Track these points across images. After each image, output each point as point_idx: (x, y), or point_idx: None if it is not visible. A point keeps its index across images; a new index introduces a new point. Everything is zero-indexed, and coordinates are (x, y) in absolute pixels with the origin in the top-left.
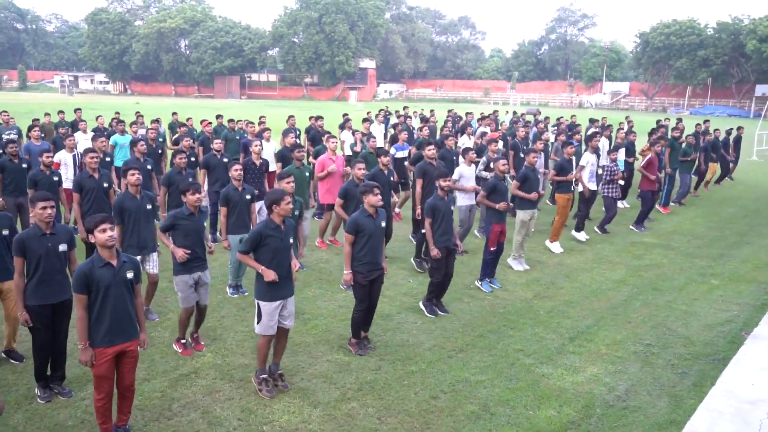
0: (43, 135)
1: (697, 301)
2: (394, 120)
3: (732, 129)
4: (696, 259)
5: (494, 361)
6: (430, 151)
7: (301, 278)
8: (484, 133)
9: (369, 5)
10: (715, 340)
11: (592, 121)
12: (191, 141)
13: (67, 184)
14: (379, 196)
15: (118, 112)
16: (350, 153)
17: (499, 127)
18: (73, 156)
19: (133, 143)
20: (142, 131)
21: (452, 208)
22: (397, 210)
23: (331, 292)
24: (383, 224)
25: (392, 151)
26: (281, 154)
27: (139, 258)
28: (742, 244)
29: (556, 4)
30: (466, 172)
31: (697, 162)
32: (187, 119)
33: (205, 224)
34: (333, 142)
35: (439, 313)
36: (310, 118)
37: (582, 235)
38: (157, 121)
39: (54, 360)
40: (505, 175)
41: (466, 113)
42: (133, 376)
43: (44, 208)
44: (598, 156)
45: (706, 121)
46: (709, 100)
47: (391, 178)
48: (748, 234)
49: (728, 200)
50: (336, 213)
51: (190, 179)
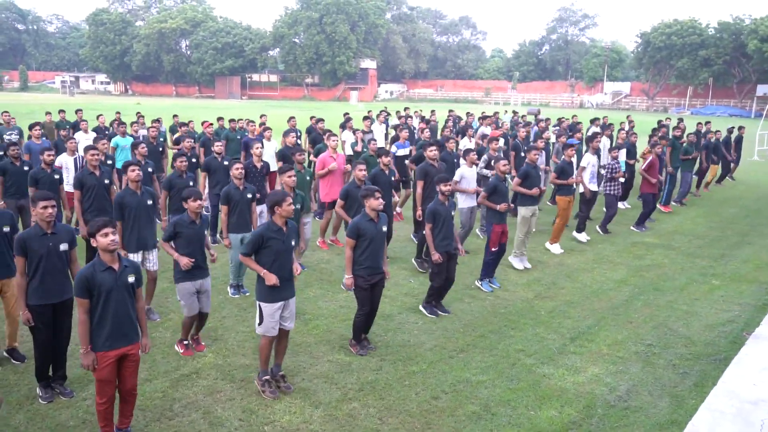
0: (44, 135)
1: (699, 302)
2: (394, 121)
3: (733, 127)
4: (697, 259)
5: (495, 361)
6: (432, 152)
7: (302, 278)
8: (485, 135)
9: (370, 5)
10: (717, 340)
11: (593, 121)
12: (192, 141)
13: (69, 187)
14: (381, 200)
15: (118, 112)
16: (351, 153)
17: (500, 127)
18: (75, 159)
19: (134, 146)
20: (143, 131)
21: (452, 213)
22: (398, 209)
23: (332, 293)
24: (384, 228)
25: (393, 149)
26: (282, 154)
27: (139, 254)
28: (743, 244)
29: (557, 4)
30: (467, 174)
31: (698, 161)
32: (189, 122)
33: (206, 231)
34: (334, 140)
35: (440, 313)
36: (311, 118)
37: (583, 236)
38: (158, 121)
39: (55, 360)
40: (506, 175)
41: (467, 113)
42: (135, 380)
43: (45, 208)
44: (599, 156)
45: (707, 123)
46: (711, 100)
47: (392, 178)
48: (750, 234)
49: (729, 200)
50: (336, 213)
51: (191, 183)
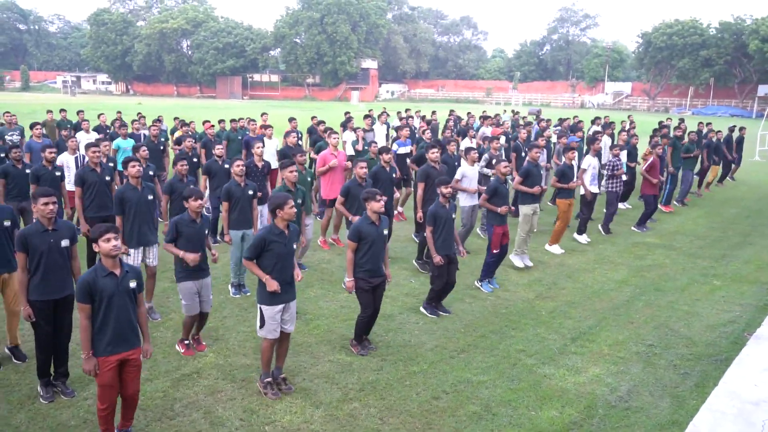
0: (45, 133)
1: (700, 302)
2: (394, 122)
3: (734, 126)
4: (698, 259)
5: (496, 361)
6: (434, 154)
7: (303, 278)
8: (486, 137)
9: (371, 5)
10: (718, 340)
11: (595, 121)
12: (193, 141)
13: (70, 186)
14: (382, 203)
15: (119, 112)
16: (353, 153)
17: (501, 125)
18: (75, 158)
19: (135, 149)
20: (144, 131)
21: (453, 216)
22: (400, 209)
23: (333, 293)
24: (386, 231)
25: (394, 147)
26: (282, 153)
27: (140, 250)
28: (744, 244)
29: (558, 4)
30: (468, 172)
31: (699, 159)
32: (190, 122)
33: (206, 230)
34: (334, 138)
35: (441, 313)
36: (313, 118)
37: (583, 238)
38: (159, 120)
39: (56, 356)
40: (507, 177)
41: (468, 114)
42: (137, 385)
43: (46, 204)
44: (600, 157)
45: (708, 124)
46: (712, 101)
47: (393, 175)
48: (751, 235)
49: (731, 201)
50: (336, 209)
51: (191, 186)
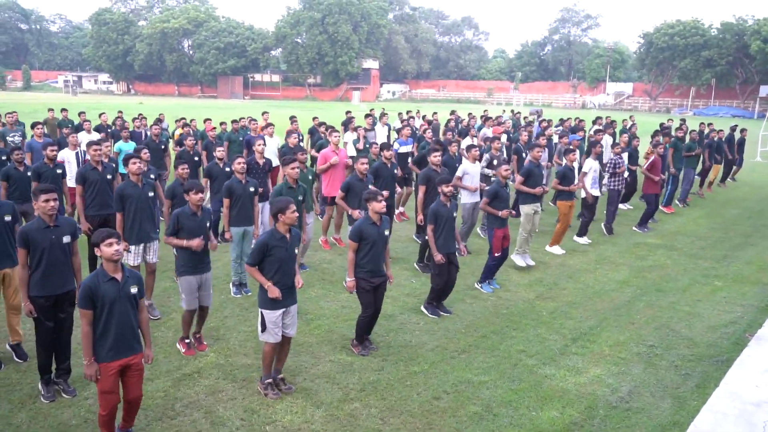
0: (46, 132)
1: (701, 303)
2: (396, 123)
3: (736, 126)
4: (700, 260)
5: (497, 361)
6: (436, 158)
7: (304, 278)
8: (487, 137)
9: (372, 6)
10: (719, 341)
11: (596, 121)
12: (194, 140)
13: (71, 183)
14: (384, 203)
15: (120, 112)
16: (354, 153)
17: (503, 123)
18: (76, 154)
19: (137, 151)
20: (147, 131)
21: (455, 215)
22: (401, 209)
23: (334, 293)
24: (387, 232)
25: (396, 146)
26: (283, 152)
27: (140, 246)
28: (746, 245)
29: (560, 5)
30: (470, 169)
31: (701, 160)
32: (191, 120)
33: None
34: (336, 136)
35: (442, 313)
36: (314, 119)
37: (584, 240)
38: (161, 120)
39: (58, 353)
40: (507, 181)
41: (468, 114)
42: (140, 390)
43: (47, 201)
44: (601, 159)
45: (710, 124)
46: (713, 101)
47: (395, 171)
48: (753, 235)
49: (732, 201)
50: (337, 203)
51: (192, 180)
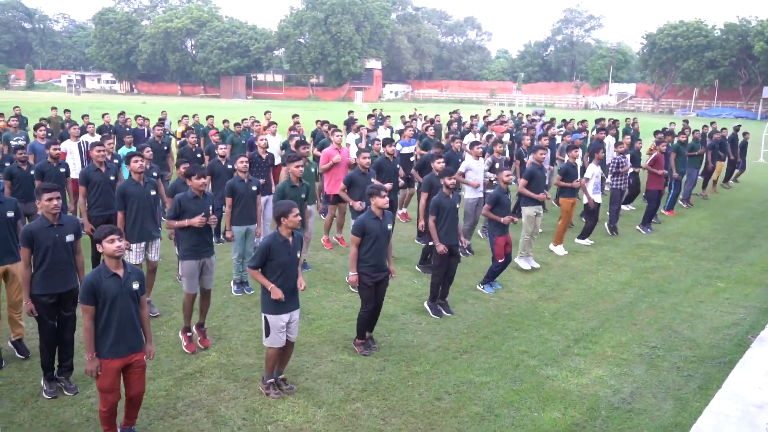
0: (49, 129)
1: (703, 304)
2: (398, 125)
3: (740, 126)
4: (702, 261)
5: (499, 362)
6: (439, 164)
7: (306, 278)
8: (489, 136)
9: (375, 6)
10: (721, 343)
11: (599, 121)
12: (196, 138)
13: (74, 174)
14: (387, 198)
15: (123, 111)
16: (356, 154)
17: (505, 122)
18: (78, 144)
19: (140, 149)
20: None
21: (457, 206)
22: (403, 210)
23: (336, 293)
24: (389, 226)
25: (398, 147)
26: (285, 147)
27: (142, 244)
28: (748, 246)
29: (563, 5)
30: (473, 166)
31: (704, 160)
32: (194, 115)
33: (211, 227)
34: (338, 136)
35: (444, 313)
36: (317, 122)
37: (586, 241)
38: (163, 120)
39: (60, 351)
40: (508, 187)
41: (471, 117)
42: (142, 386)
43: (50, 200)
44: (604, 161)
45: (713, 123)
46: (716, 102)
47: (398, 166)
48: (755, 236)
49: (735, 202)
50: (339, 195)
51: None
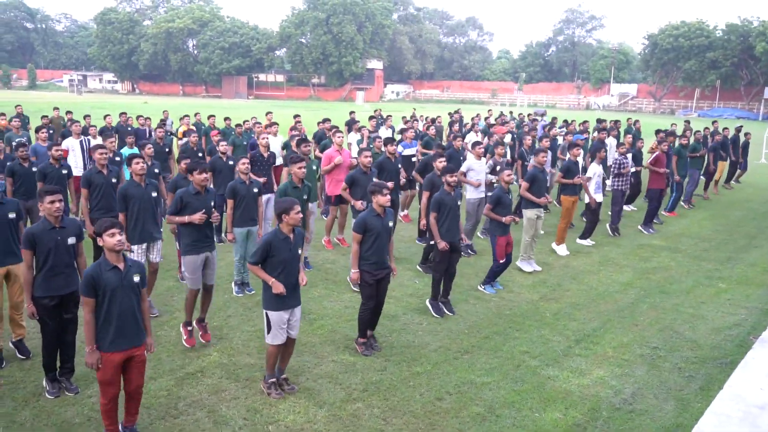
0: (51, 131)
1: (705, 305)
2: (399, 126)
3: (741, 126)
4: (704, 262)
5: (500, 362)
6: (441, 164)
7: (308, 278)
8: (491, 135)
9: (376, 6)
10: (723, 343)
11: (600, 122)
12: (197, 137)
13: (77, 172)
14: (389, 196)
15: (124, 112)
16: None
17: (507, 123)
18: (80, 142)
19: (141, 147)
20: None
21: (459, 203)
22: (405, 211)
23: (337, 293)
24: (391, 224)
25: (399, 148)
26: (287, 147)
27: (143, 246)
28: (750, 247)
29: (564, 6)
30: (474, 165)
31: (706, 161)
32: (196, 114)
33: (213, 224)
34: (339, 137)
35: (446, 312)
36: (319, 123)
37: (587, 242)
38: (165, 120)
39: (62, 352)
40: (509, 187)
41: (472, 118)
42: (142, 379)
43: (52, 202)
44: (605, 161)
45: (714, 122)
46: (718, 103)
47: (399, 165)
48: (757, 237)
49: (736, 203)
50: (341, 194)
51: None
